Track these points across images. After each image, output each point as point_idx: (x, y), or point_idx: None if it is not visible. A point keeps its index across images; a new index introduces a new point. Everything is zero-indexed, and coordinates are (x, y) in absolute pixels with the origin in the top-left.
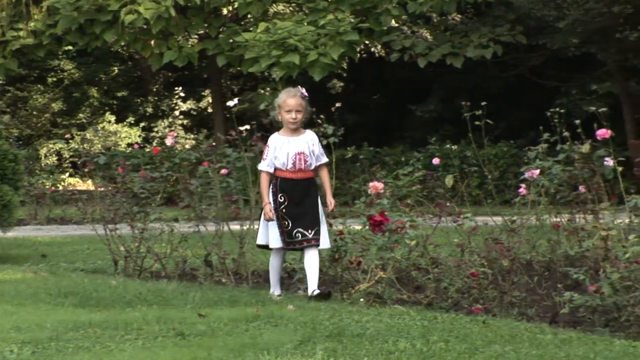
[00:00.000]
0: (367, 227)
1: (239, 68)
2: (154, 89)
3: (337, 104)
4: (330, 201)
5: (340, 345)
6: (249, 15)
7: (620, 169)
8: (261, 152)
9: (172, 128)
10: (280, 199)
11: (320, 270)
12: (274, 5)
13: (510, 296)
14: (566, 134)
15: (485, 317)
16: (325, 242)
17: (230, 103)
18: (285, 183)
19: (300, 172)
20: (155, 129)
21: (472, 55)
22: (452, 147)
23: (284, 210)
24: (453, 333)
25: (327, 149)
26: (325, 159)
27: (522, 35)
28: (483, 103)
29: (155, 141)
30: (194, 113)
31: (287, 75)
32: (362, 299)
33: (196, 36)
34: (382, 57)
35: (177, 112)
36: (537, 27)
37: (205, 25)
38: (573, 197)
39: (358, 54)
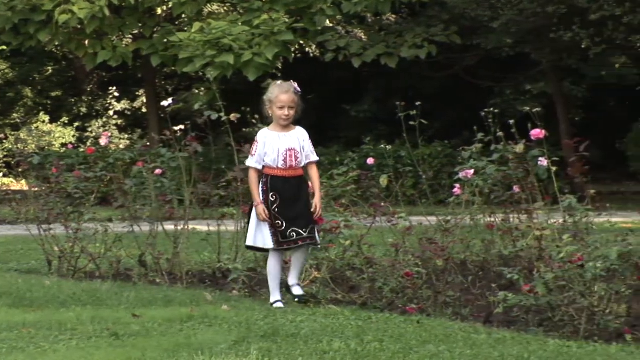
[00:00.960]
0: None
1: (173, 68)
2: (88, 89)
3: None
4: (316, 204)
5: (275, 345)
6: (183, 15)
7: (554, 169)
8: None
9: (107, 128)
10: (272, 197)
11: (254, 270)
12: (209, 5)
13: (444, 296)
14: (500, 134)
15: (419, 317)
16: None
17: (164, 103)
18: (276, 181)
19: (292, 169)
20: (90, 129)
21: (406, 55)
22: (387, 147)
23: (276, 210)
24: (387, 333)
25: None
26: (315, 157)
27: (457, 35)
28: (417, 103)
29: (90, 141)
30: (128, 113)
31: (221, 75)
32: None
33: (130, 36)
34: (316, 57)
35: (111, 112)
36: (472, 27)
37: (140, 25)
38: (507, 197)
39: (293, 54)
